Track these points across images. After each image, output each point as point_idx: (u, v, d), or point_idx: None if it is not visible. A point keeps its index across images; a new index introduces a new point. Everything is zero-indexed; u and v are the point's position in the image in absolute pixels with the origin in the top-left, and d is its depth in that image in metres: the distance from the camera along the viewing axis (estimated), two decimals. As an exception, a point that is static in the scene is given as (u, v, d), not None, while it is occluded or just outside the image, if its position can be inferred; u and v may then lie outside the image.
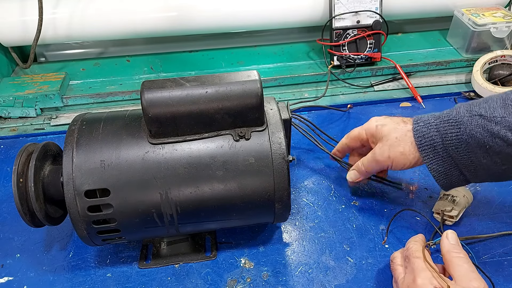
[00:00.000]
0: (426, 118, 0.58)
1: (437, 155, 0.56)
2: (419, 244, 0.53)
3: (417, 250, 0.52)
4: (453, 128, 0.54)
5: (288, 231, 0.65)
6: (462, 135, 0.53)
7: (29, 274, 0.60)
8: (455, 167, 0.56)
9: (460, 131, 0.53)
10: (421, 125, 0.57)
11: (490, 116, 0.51)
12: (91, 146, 0.52)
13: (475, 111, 0.53)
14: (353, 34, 0.92)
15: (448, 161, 0.56)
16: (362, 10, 0.91)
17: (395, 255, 0.56)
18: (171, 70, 0.97)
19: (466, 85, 0.94)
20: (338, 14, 0.91)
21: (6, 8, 0.88)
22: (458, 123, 0.53)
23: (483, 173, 0.55)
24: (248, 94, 0.52)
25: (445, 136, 0.54)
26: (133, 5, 0.90)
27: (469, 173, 0.55)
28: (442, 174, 0.57)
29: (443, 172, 0.57)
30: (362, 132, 0.64)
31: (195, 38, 1.05)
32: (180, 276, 0.59)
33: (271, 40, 1.07)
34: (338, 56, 0.93)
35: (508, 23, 0.92)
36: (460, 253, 0.50)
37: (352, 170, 0.66)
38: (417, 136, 0.57)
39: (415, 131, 0.57)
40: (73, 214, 0.51)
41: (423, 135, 0.56)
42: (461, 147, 0.54)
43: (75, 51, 1.05)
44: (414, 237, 0.55)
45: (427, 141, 0.56)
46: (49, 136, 0.85)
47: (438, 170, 0.57)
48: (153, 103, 0.50)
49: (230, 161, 0.52)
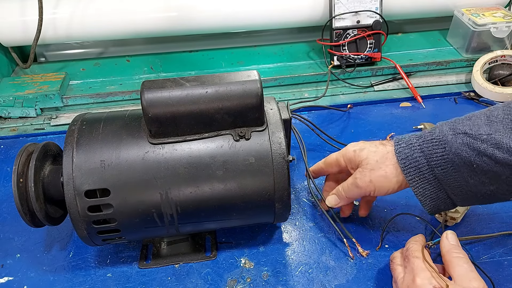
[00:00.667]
0: (407, 138, 0.55)
1: (422, 177, 0.53)
2: (419, 244, 0.53)
3: (416, 250, 0.52)
4: (438, 147, 0.51)
5: (288, 231, 0.65)
6: (448, 154, 0.50)
7: (29, 274, 0.60)
8: (441, 190, 0.53)
9: (445, 150, 0.50)
10: (404, 146, 0.54)
11: (475, 134, 0.49)
12: (91, 146, 0.52)
13: (459, 129, 0.50)
14: (353, 34, 0.92)
15: (435, 184, 0.53)
16: (362, 10, 0.91)
17: (394, 255, 0.56)
18: (171, 70, 0.97)
19: (466, 85, 0.94)
20: (338, 14, 0.91)
21: (6, 8, 0.88)
22: (443, 143, 0.51)
23: (471, 195, 0.52)
24: (248, 94, 0.52)
25: (430, 157, 0.52)
26: (133, 5, 0.90)
27: (456, 196, 0.53)
28: (429, 197, 0.54)
29: (429, 196, 0.54)
30: (340, 158, 0.60)
31: (195, 38, 1.05)
32: (180, 276, 0.59)
33: (271, 40, 1.07)
34: (338, 56, 0.93)
35: (508, 23, 0.92)
36: (460, 253, 0.50)
37: (332, 194, 0.61)
38: (401, 158, 0.54)
39: (397, 152, 0.54)
40: (73, 214, 0.51)
41: (407, 156, 0.53)
42: (447, 167, 0.51)
43: (75, 51, 1.06)
44: (414, 237, 0.55)
45: (411, 162, 0.53)
46: (49, 136, 0.85)
47: (425, 194, 0.54)
48: (153, 103, 0.50)
49: (230, 161, 0.52)
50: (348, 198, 0.60)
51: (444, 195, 0.54)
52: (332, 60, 0.94)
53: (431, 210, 0.55)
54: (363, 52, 0.93)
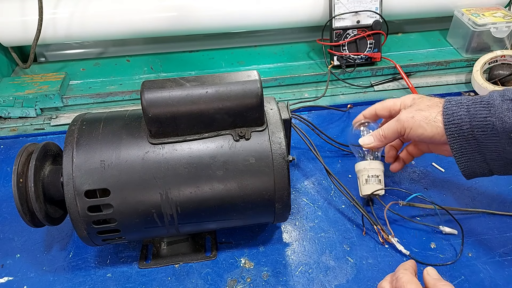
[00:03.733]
0: (459, 98, 0.57)
1: (462, 135, 0.55)
2: (409, 274, 0.50)
3: (409, 282, 0.48)
4: (484, 109, 0.53)
5: (288, 231, 0.65)
6: (491, 117, 0.52)
7: (29, 274, 0.60)
8: (478, 152, 0.55)
9: (489, 113, 0.53)
10: (453, 103, 0.56)
11: None
12: (91, 146, 0.52)
13: (507, 96, 0.52)
14: (353, 34, 0.92)
15: (473, 144, 0.55)
16: (362, 10, 0.91)
17: (382, 284, 0.51)
18: (171, 70, 0.97)
19: (466, 85, 0.94)
20: (338, 14, 0.91)
21: (6, 8, 0.88)
22: (489, 105, 0.53)
23: (507, 163, 0.54)
24: (248, 94, 0.52)
25: (474, 117, 0.54)
26: (133, 5, 0.90)
27: (493, 161, 0.55)
28: (464, 156, 0.56)
29: (465, 155, 0.56)
30: (397, 102, 0.63)
31: (195, 38, 1.05)
32: (180, 276, 0.59)
33: (271, 40, 1.07)
34: (338, 56, 0.93)
35: (508, 23, 0.92)
36: (446, 285, 0.49)
37: (368, 135, 0.64)
38: (446, 114, 0.56)
39: (445, 108, 0.56)
40: (73, 214, 0.51)
41: (452, 113, 0.56)
42: (487, 130, 0.53)
43: (75, 51, 1.05)
44: (403, 265, 0.52)
45: (455, 119, 0.55)
46: (49, 136, 0.85)
47: (461, 152, 0.56)
48: (153, 103, 0.50)
49: (230, 161, 0.52)
50: (384, 136, 0.62)
51: (481, 158, 0.56)
52: (332, 60, 0.94)
53: (466, 171, 0.58)
54: (363, 52, 0.93)
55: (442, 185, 0.71)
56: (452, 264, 0.60)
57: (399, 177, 0.72)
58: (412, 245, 0.62)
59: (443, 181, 0.72)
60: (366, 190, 0.65)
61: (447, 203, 0.68)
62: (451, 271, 0.59)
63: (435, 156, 0.76)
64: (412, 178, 0.72)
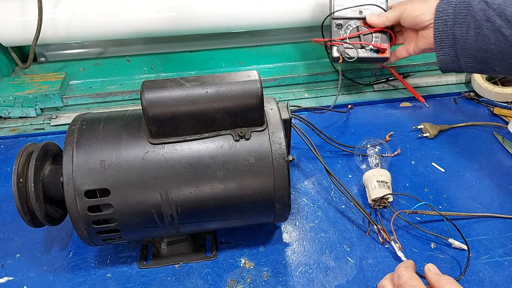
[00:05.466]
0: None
1: (444, 30, 0.69)
2: (410, 270, 0.50)
3: (411, 278, 0.49)
4: (465, 9, 0.66)
5: (288, 231, 0.65)
6: (468, 16, 0.66)
7: (29, 274, 0.60)
8: (453, 47, 0.69)
9: (468, 12, 0.66)
10: (445, 2, 0.69)
11: (491, 2, 0.64)
12: (91, 146, 0.52)
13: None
14: (355, 26, 0.83)
15: (451, 38, 0.69)
16: (366, 4, 0.83)
17: (384, 283, 0.52)
18: (171, 70, 0.97)
19: (466, 85, 0.94)
20: (338, 10, 0.83)
21: (6, 8, 0.88)
22: (469, 5, 0.66)
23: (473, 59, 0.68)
24: (248, 94, 0.52)
25: (456, 15, 0.67)
26: (133, 5, 0.90)
27: (463, 56, 0.69)
28: (442, 50, 0.71)
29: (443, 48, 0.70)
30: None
31: (195, 38, 1.05)
32: (180, 276, 0.59)
33: (271, 40, 1.07)
34: (339, 47, 0.82)
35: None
36: (448, 279, 0.49)
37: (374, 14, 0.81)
38: (437, 10, 0.70)
39: (438, 5, 0.70)
40: (73, 214, 0.51)
41: (443, 10, 0.69)
42: (464, 28, 0.67)
43: (75, 51, 1.05)
44: (404, 263, 0.53)
45: (443, 15, 0.69)
46: (49, 136, 0.85)
47: (441, 46, 0.71)
48: (153, 103, 0.50)
49: (230, 161, 0.52)
50: (386, 16, 0.79)
51: (454, 53, 0.70)
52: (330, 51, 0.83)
53: (442, 63, 0.73)
54: (368, 47, 0.82)
55: (442, 185, 0.71)
56: (452, 264, 0.60)
57: (399, 178, 0.72)
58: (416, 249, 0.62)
59: (443, 181, 0.72)
60: (375, 194, 0.66)
61: (447, 203, 0.68)
62: (451, 271, 0.59)
63: (435, 156, 0.76)
64: (412, 178, 0.72)
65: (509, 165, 0.75)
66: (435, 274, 0.51)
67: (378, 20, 0.80)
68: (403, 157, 0.77)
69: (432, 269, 0.52)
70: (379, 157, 0.72)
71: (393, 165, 0.74)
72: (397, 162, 0.75)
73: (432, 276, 0.51)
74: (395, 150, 0.77)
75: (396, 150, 0.77)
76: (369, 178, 0.68)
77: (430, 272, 0.51)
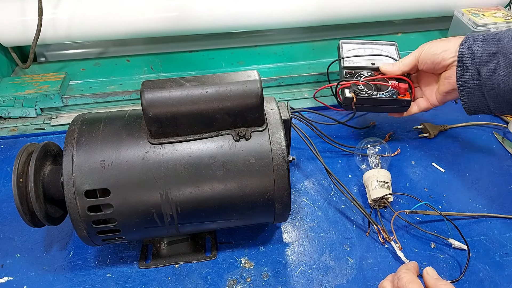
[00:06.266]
0: (477, 34, 0.63)
1: (469, 68, 0.62)
2: (411, 273, 0.50)
3: (411, 282, 0.48)
4: (493, 46, 0.60)
5: (288, 231, 0.65)
6: (498, 53, 0.59)
7: (29, 274, 0.60)
8: (478, 87, 0.62)
9: (497, 49, 0.59)
10: (470, 39, 0.63)
11: None
12: (91, 146, 0.52)
13: None
14: (368, 75, 0.75)
15: (476, 78, 0.62)
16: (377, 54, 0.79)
17: (384, 284, 0.51)
18: (171, 70, 0.97)
19: (466, 85, 0.93)
20: (347, 57, 0.78)
21: (6, 8, 0.88)
22: (499, 42, 0.60)
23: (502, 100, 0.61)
24: (248, 94, 0.52)
25: (484, 52, 0.61)
26: (133, 5, 0.90)
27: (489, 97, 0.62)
28: (467, 90, 0.63)
29: (467, 88, 0.63)
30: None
31: (195, 38, 1.05)
32: (180, 276, 0.59)
33: (271, 40, 1.07)
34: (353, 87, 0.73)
35: (508, 23, 0.92)
36: (446, 284, 0.49)
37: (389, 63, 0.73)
38: (462, 47, 0.63)
39: (462, 42, 0.64)
40: (73, 214, 0.51)
41: (468, 47, 0.63)
42: (492, 66, 0.60)
43: (75, 51, 1.05)
44: (406, 265, 0.52)
45: (468, 52, 0.62)
46: (49, 136, 0.85)
47: (464, 86, 0.63)
48: (153, 103, 0.50)
49: (230, 161, 0.52)
50: (402, 61, 0.71)
51: (480, 93, 0.63)
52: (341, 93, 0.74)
53: (467, 104, 0.65)
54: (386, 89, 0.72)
55: (442, 185, 0.71)
56: (452, 264, 0.60)
57: (399, 178, 0.72)
58: (416, 249, 0.62)
59: (443, 181, 0.72)
60: (375, 194, 0.66)
61: (447, 203, 0.68)
62: (451, 271, 0.59)
63: (435, 156, 0.76)
64: (412, 178, 0.72)
65: (509, 165, 0.75)
66: (433, 278, 0.50)
67: (394, 67, 0.72)
68: (403, 157, 0.77)
69: (430, 273, 0.51)
70: (379, 157, 0.72)
71: (393, 165, 0.74)
72: (397, 162, 0.75)
73: (430, 280, 0.50)
74: (395, 150, 0.77)
75: (396, 150, 0.77)
76: (369, 178, 0.68)
77: (429, 276, 0.51)
